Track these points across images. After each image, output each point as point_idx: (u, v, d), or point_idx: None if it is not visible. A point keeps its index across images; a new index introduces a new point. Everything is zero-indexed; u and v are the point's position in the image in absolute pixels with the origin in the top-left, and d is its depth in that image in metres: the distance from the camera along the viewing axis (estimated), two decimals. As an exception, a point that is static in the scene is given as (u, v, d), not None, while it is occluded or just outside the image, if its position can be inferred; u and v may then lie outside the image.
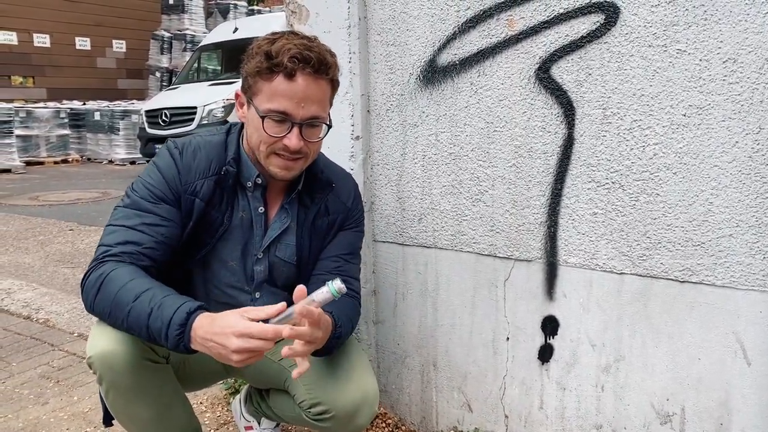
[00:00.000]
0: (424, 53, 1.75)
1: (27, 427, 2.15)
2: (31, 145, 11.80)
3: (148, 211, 1.39)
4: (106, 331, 1.34)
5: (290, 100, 1.33)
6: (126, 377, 1.35)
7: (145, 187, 1.41)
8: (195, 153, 1.44)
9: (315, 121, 1.38)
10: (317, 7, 1.89)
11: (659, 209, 1.43)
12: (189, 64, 11.24)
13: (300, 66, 1.31)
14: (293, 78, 1.32)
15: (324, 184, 1.54)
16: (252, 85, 1.36)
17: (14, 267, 4.39)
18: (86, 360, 1.36)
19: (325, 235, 1.56)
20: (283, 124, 1.35)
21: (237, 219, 1.48)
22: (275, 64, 1.31)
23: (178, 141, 1.48)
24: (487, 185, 1.69)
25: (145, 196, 1.40)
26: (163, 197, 1.41)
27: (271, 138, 1.36)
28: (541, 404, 1.71)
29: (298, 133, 1.35)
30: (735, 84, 1.30)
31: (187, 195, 1.42)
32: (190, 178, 1.42)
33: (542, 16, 1.53)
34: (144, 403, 1.41)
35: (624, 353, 1.54)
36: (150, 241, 1.36)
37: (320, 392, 1.47)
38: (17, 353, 2.81)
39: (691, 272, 1.41)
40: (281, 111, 1.33)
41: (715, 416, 1.43)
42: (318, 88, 1.36)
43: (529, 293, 1.67)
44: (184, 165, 1.43)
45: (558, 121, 1.54)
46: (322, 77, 1.35)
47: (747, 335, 1.37)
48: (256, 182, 1.47)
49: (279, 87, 1.32)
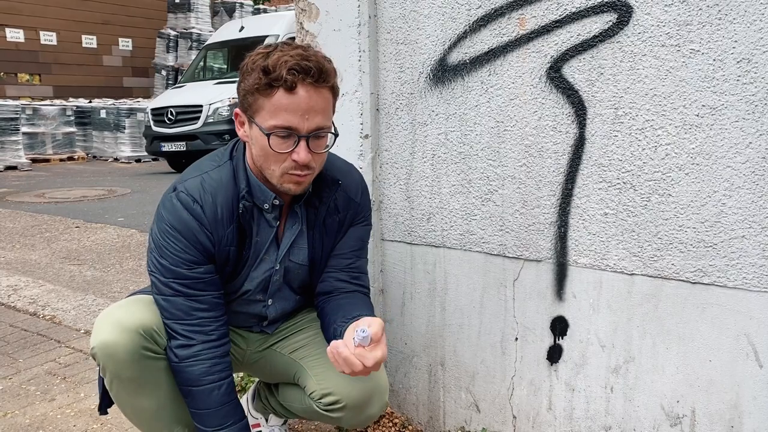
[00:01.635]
0: (434, 52, 1.75)
1: (34, 423, 2.15)
2: (37, 142, 11.85)
3: (189, 278, 1.39)
4: (109, 322, 1.38)
5: (294, 113, 1.28)
6: (128, 367, 1.38)
7: (175, 255, 1.36)
8: (215, 201, 1.38)
9: (320, 132, 1.33)
10: (327, 5, 1.88)
11: (671, 210, 1.42)
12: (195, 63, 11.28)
13: (300, 77, 1.26)
14: (294, 91, 1.27)
15: (330, 182, 1.51)
16: (252, 103, 1.31)
17: (21, 264, 4.41)
18: (90, 351, 1.40)
19: (336, 232, 1.55)
20: (289, 139, 1.30)
21: (253, 247, 1.47)
22: (274, 78, 1.25)
23: (189, 189, 1.38)
24: (497, 184, 1.68)
25: (177, 264, 1.37)
26: (197, 260, 1.38)
27: (279, 155, 1.31)
28: (550, 405, 1.70)
29: (306, 147, 1.31)
30: (749, 84, 1.29)
31: (222, 248, 1.40)
32: (220, 231, 1.38)
33: (554, 15, 1.52)
34: (147, 394, 1.44)
35: (634, 354, 1.53)
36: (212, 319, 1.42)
37: (331, 383, 1.47)
38: (24, 350, 2.82)
39: (703, 273, 1.40)
40: (286, 126, 1.29)
41: (726, 418, 1.42)
42: (320, 97, 1.31)
43: (539, 293, 1.66)
44: (210, 219, 1.37)
45: (569, 121, 1.53)
46: (322, 86, 1.30)
47: (759, 337, 1.36)
48: (273, 204, 1.44)
49: (281, 102, 1.27)
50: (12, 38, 14.65)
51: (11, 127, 10.76)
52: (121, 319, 1.38)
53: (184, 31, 14.72)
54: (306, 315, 1.68)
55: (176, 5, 14.97)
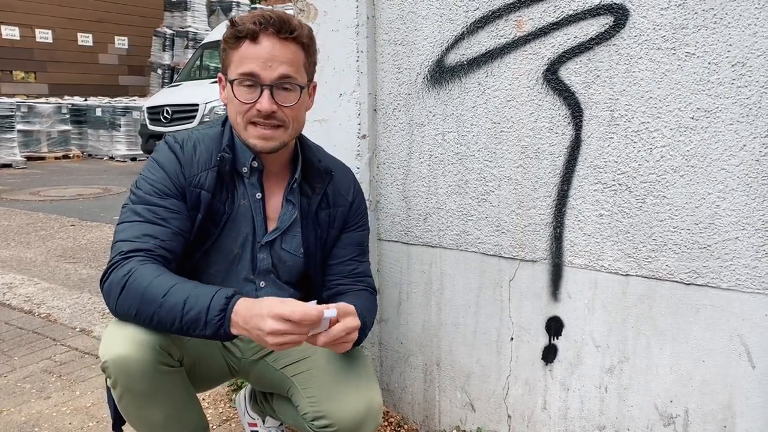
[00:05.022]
0: (432, 53, 1.76)
1: (29, 421, 2.15)
2: (33, 140, 11.80)
3: (156, 205, 1.39)
4: (122, 335, 1.31)
5: (256, 60, 1.34)
6: (141, 382, 1.32)
7: (150, 184, 1.41)
8: (195, 146, 1.46)
9: (286, 83, 1.37)
10: (326, 5, 1.89)
11: (666, 211, 1.44)
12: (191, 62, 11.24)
13: (262, 27, 1.34)
14: (257, 40, 1.35)
15: (323, 172, 1.54)
16: (224, 60, 1.40)
17: (16, 262, 4.40)
18: (101, 364, 1.33)
19: (327, 228, 1.55)
20: (254, 88, 1.36)
21: (237, 206, 1.48)
22: (239, 30, 1.34)
23: (177, 135, 1.49)
24: (494, 185, 1.69)
25: (149, 192, 1.40)
26: (168, 192, 1.41)
27: (243, 105, 1.37)
28: (545, 404, 1.71)
29: (269, 95, 1.36)
30: (743, 87, 1.31)
31: (192, 188, 1.43)
32: (193, 171, 1.43)
33: (551, 18, 1.53)
34: (158, 407, 1.39)
35: (628, 354, 1.54)
36: (166, 233, 1.37)
37: (323, 406, 1.44)
38: (19, 347, 2.82)
39: (697, 275, 1.42)
40: (248, 73, 1.35)
41: (719, 418, 1.44)
42: (285, 48, 1.37)
43: (534, 294, 1.68)
44: (186, 158, 1.44)
45: (565, 123, 1.55)
46: (287, 38, 1.36)
47: (752, 338, 1.37)
48: (252, 166, 1.47)
49: (246, 51, 1.35)
50: (7, 35, 14.58)
51: (6, 125, 10.71)
52: (136, 333, 1.31)
53: (181, 29, 14.68)
54: None
55: (173, 4, 14.92)
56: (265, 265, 1.53)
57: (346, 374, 1.48)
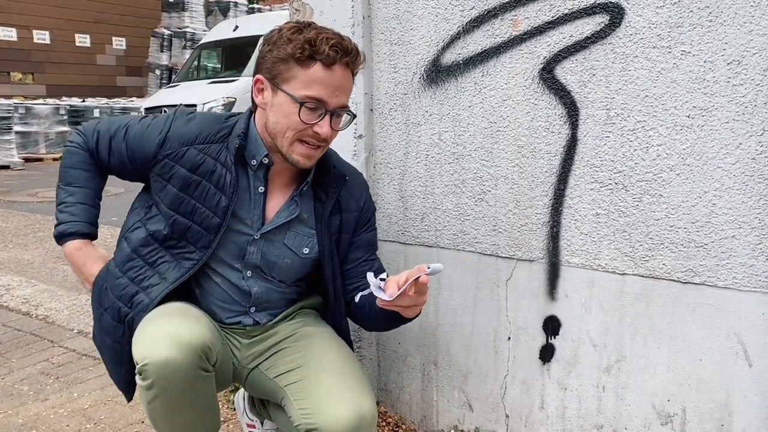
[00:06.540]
0: (427, 52, 1.75)
1: (27, 423, 2.15)
2: (30, 141, 11.79)
3: (121, 141, 1.54)
4: (163, 335, 1.32)
5: (327, 88, 1.35)
6: (180, 387, 1.33)
7: (138, 129, 1.52)
8: (189, 121, 1.50)
9: (342, 111, 1.41)
10: (321, 5, 1.89)
11: (662, 210, 1.44)
12: (189, 62, 11.24)
13: (340, 56, 1.35)
14: (332, 67, 1.35)
15: (338, 177, 1.54)
16: (283, 72, 1.37)
17: (14, 263, 4.39)
18: (139, 365, 1.31)
19: (339, 232, 1.55)
20: (316, 111, 1.37)
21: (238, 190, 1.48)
22: (317, 51, 1.33)
23: (187, 110, 1.57)
24: (490, 185, 1.69)
25: (134, 133, 1.52)
26: (135, 148, 1.51)
27: (303, 125, 1.37)
28: (542, 404, 1.71)
29: (329, 121, 1.38)
30: (739, 86, 1.31)
31: (167, 160, 1.46)
32: (173, 144, 1.47)
33: (547, 17, 1.53)
34: (187, 411, 1.40)
35: (625, 354, 1.54)
36: (113, 160, 1.56)
37: (315, 417, 1.42)
38: (17, 349, 2.81)
39: (694, 273, 1.42)
40: (318, 98, 1.35)
41: (716, 417, 1.44)
42: (348, 79, 1.41)
43: (531, 293, 1.67)
44: (173, 130, 1.48)
45: (562, 122, 1.54)
46: (351, 69, 1.40)
47: (748, 337, 1.37)
48: (262, 161, 1.47)
49: (317, 74, 1.35)
50: (5, 37, 14.58)
51: (4, 126, 10.68)
52: (182, 336, 1.32)
53: (178, 30, 14.67)
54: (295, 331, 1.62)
55: (170, 4, 14.92)
56: (253, 260, 1.52)
57: (340, 385, 1.45)
